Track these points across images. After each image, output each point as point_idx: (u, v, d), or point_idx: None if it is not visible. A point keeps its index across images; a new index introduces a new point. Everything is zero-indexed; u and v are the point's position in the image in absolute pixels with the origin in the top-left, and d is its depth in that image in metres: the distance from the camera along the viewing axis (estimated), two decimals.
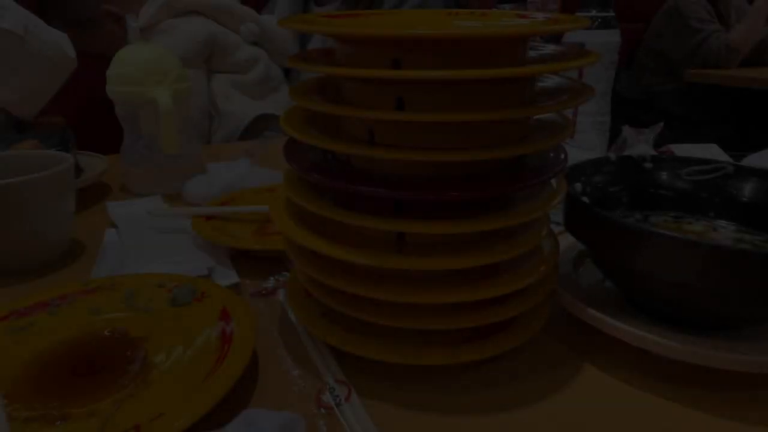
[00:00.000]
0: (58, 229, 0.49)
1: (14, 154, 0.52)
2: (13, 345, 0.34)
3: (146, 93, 0.63)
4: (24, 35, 0.73)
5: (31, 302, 0.38)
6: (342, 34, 0.32)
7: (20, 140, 0.67)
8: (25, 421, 0.27)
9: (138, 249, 0.50)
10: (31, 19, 0.75)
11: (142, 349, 0.34)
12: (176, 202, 0.65)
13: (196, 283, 0.40)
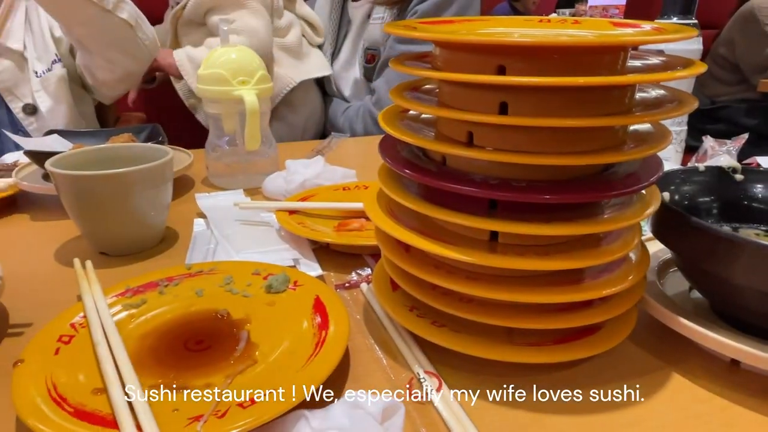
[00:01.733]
0: (158, 216, 0.53)
1: (122, 146, 0.56)
2: (129, 318, 0.37)
3: (233, 92, 0.67)
4: (135, 26, 0.88)
5: (143, 282, 0.41)
6: (453, 42, 0.33)
7: (118, 133, 0.73)
8: (150, 388, 0.30)
9: (227, 238, 0.53)
10: (140, 12, 0.90)
11: (245, 331, 0.36)
12: (256, 196, 0.68)
13: (289, 272, 0.42)
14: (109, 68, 0.96)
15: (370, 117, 1.13)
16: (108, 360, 0.31)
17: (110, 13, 0.85)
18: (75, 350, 0.33)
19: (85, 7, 0.81)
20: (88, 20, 0.85)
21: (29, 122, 0.98)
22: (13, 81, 0.96)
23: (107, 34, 0.88)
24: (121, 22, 0.86)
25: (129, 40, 0.90)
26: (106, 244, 0.52)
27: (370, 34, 1.15)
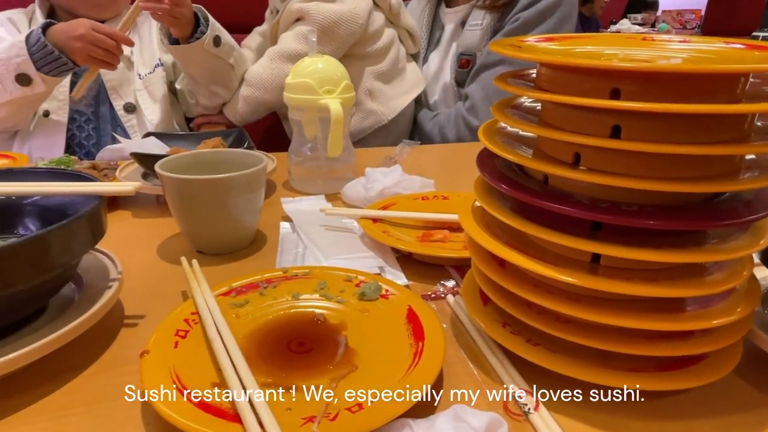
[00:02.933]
0: (252, 218, 0.56)
1: (221, 151, 0.60)
2: (235, 318, 0.40)
3: (319, 101, 0.69)
4: (235, 66, 1.07)
5: (244, 282, 0.44)
6: (567, 66, 0.33)
7: (209, 137, 0.77)
8: (261, 386, 0.32)
9: (315, 244, 0.55)
10: (240, 51, 1.09)
11: (343, 336, 0.38)
12: (335, 201, 0.70)
13: (380, 281, 0.44)
14: (210, 97, 1.11)
15: (464, 123, 1.12)
16: (225, 356, 0.33)
17: (222, 59, 1.03)
18: (191, 344, 0.36)
19: (209, 58, 1.01)
20: (203, 64, 1.03)
21: (128, 119, 1.06)
22: (118, 81, 1.05)
23: (215, 74, 1.06)
24: (226, 64, 1.04)
25: (229, 78, 1.08)
26: (204, 243, 0.55)
27: (466, 39, 1.15)
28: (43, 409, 0.33)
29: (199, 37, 0.98)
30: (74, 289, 0.42)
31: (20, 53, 0.87)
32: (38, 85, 0.90)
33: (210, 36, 0.99)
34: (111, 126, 1.06)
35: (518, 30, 1.07)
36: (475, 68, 1.12)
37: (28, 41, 0.88)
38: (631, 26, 3.61)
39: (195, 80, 1.09)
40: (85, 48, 0.87)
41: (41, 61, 0.88)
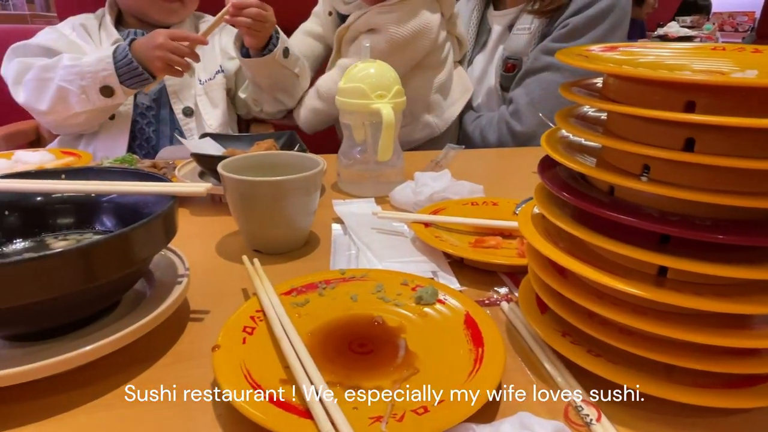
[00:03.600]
0: (307, 220, 0.57)
1: (278, 153, 0.62)
2: (297, 317, 0.41)
3: (371, 105, 0.70)
4: (300, 75, 1.14)
5: (304, 283, 0.45)
6: (640, 78, 0.33)
7: (262, 139, 0.79)
8: (327, 385, 0.33)
9: (368, 246, 0.56)
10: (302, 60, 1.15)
11: (402, 339, 0.39)
12: (384, 205, 0.71)
13: (436, 286, 0.44)
14: (274, 104, 1.17)
15: (506, 128, 1.12)
16: (293, 355, 0.34)
17: (289, 69, 1.08)
18: (258, 341, 0.37)
19: (277, 68, 1.07)
20: (271, 74, 1.09)
21: (186, 123, 1.10)
22: (180, 86, 1.09)
23: (281, 83, 1.12)
24: (292, 74, 1.10)
25: (294, 87, 1.15)
26: (260, 243, 0.57)
27: (512, 43, 1.15)
28: (121, 397, 0.35)
29: (271, 50, 1.03)
30: (145, 284, 0.44)
31: (107, 67, 0.92)
32: (119, 96, 0.96)
33: (281, 48, 1.04)
34: (170, 129, 1.10)
35: (567, 36, 1.06)
36: (521, 73, 1.11)
37: (115, 56, 0.93)
38: (680, 29, 3.50)
39: (261, 89, 1.14)
40: (164, 56, 0.92)
41: (125, 75, 0.93)
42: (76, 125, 1.02)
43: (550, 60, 1.06)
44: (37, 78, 0.96)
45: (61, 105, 0.96)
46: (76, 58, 0.96)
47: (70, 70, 0.94)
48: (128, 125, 1.06)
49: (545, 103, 1.06)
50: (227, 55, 1.18)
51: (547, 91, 1.07)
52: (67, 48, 1.04)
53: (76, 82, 0.93)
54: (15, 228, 0.44)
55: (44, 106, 0.97)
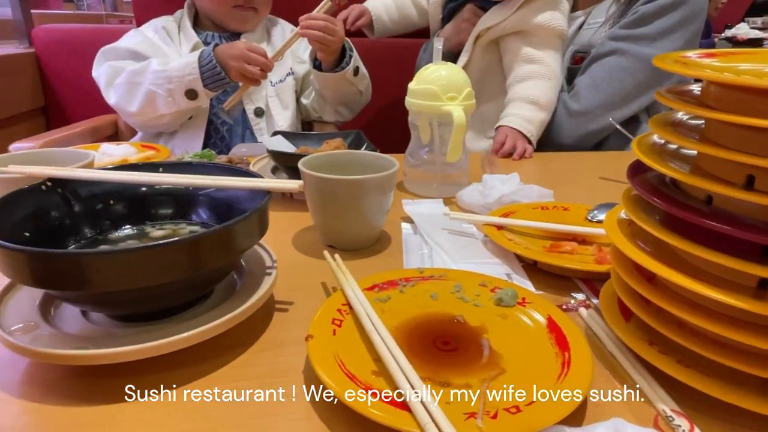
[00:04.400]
0: (380, 218, 0.59)
1: (354, 153, 0.63)
2: (381, 313, 0.42)
3: (442, 107, 0.71)
4: (363, 92, 1.21)
5: (385, 279, 0.46)
6: (744, 86, 0.32)
7: (331, 137, 0.82)
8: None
9: (441, 247, 0.57)
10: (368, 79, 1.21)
11: (485, 339, 0.40)
12: (451, 206, 0.72)
13: (515, 288, 0.45)
14: (333, 115, 1.23)
15: (562, 106, 1.10)
16: (384, 349, 0.36)
17: (356, 86, 1.16)
18: (346, 333, 0.39)
19: (346, 85, 1.12)
20: (338, 89, 1.14)
21: (256, 123, 1.15)
22: (252, 88, 1.13)
23: (345, 98, 1.17)
24: (357, 91, 1.18)
25: (356, 102, 1.22)
26: (335, 239, 0.58)
27: (583, 37, 1.15)
28: (221, 378, 0.37)
29: (344, 68, 1.07)
30: (234, 275, 0.47)
31: (193, 72, 0.99)
32: (202, 99, 1.03)
33: (352, 67, 1.08)
34: (242, 128, 1.15)
35: (635, 22, 1.04)
36: (586, 61, 1.10)
37: (201, 61, 0.99)
38: (749, 30, 3.32)
39: (325, 100, 1.18)
40: (239, 67, 0.97)
41: (209, 78, 1.00)
42: (160, 125, 1.09)
43: (615, 45, 1.05)
44: (127, 82, 1.03)
45: (149, 107, 1.03)
46: (163, 63, 1.02)
47: (158, 75, 1.00)
48: (204, 124, 1.12)
49: (606, 86, 1.05)
50: (298, 59, 1.22)
51: (611, 75, 1.06)
52: (151, 50, 1.10)
53: (164, 86, 1.00)
54: (121, 216, 0.48)
55: (134, 108, 1.04)
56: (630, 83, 1.05)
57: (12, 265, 0.34)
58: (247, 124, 1.17)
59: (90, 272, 0.33)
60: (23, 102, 1.40)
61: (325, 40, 1.00)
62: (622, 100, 1.05)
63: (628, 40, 1.05)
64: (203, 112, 1.12)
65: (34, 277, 0.34)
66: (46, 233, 0.42)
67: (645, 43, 1.04)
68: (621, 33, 1.06)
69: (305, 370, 0.38)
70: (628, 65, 1.05)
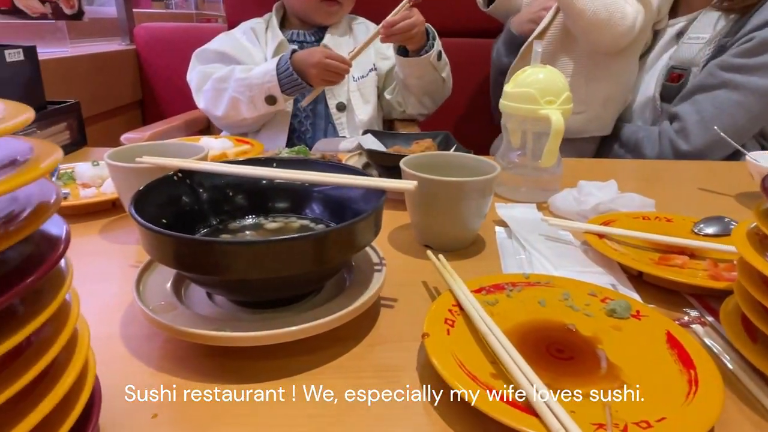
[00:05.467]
0: (478, 221, 0.59)
1: (454, 154, 0.64)
2: (491, 316, 0.43)
3: (538, 111, 0.70)
4: (445, 80, 1.22)
5: (491, 283, 0.47)
6: None
7: (421, 138, 0.82)
8: None
9: (541, 253, 0.57)
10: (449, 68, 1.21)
11: (601, 350, 0.39)
12: (544, 211, 0.71)
13: (628, 300, 0.44)
14: (417, 107, 1.24)
15: (670, 145, 1.06)
16: (503, 352, 0.36)
17: (438, 73, 1.16)
18: (459, 334, 0.40)
19: (429, 71, 1.13)
20: (423, 75, 1.16)
21: (338, 117, 1.18)
22: None
23: (429, 86, 1.18)
24: (440, 78, 1.18)
25: (438, 91, 1.23)
26: (432, 239, 0.59)
27: (682, 52, 1.09)
28: (340, 368, 0.39)
29: (428, 50, 1.09)
30: (345, 271, 0.48)
31: (272, 79, 1.04)
32: (281, 103, 1.08)
33: (436, 51, 1.10)
34: (324, 123, 1.19)
35: (751, 51, 0.96)
36: (691, 88, 1.04)
37: (278, 69, 1.04)
38: None
39: (409, 90, 1.20)
40: (319, 74, 1.01)
41: (286, 85, 1.04)
42: (243, 126, 1.15)
43: (728, 77, 0.98)
44: (213, 89, 1.10)
45: (233, 111, 1.10)
46: (246, 70, 1.08)
47: (241, 83, 1.06)
48: (288, 120, 1.16)
49: (717, 123, 0.97)
50: (381, 54, 1.24)
51: (721, 110, 0.99)
52: (239, 51, 1.17)
53: (246, 93, 1.06)
54: (240, 207, 0.50)
55: (220, 113, 1.11)
56: (743, 118, 0.99)
57: (159, 248, 0.37)
58: (329, 118, 1.20)
59: (229, 260, 0.36)
60: (124, 95, 1.50)
61: (407, 35, 1.03)
62: (734, 135, 0.95)
63: (743, 71, 0.97)
64: (286, 110, 1.17)
65: (178, 260, 0.37)
66: (178, 219, 0.45)
67: (762, 74, 0.96)
68: (734, 63, 0.98)
69: (419, 366, 0.39)
70: (741, 100, 0.98)
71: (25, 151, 0.26)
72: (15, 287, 0.23)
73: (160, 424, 0.34)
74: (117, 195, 0.64)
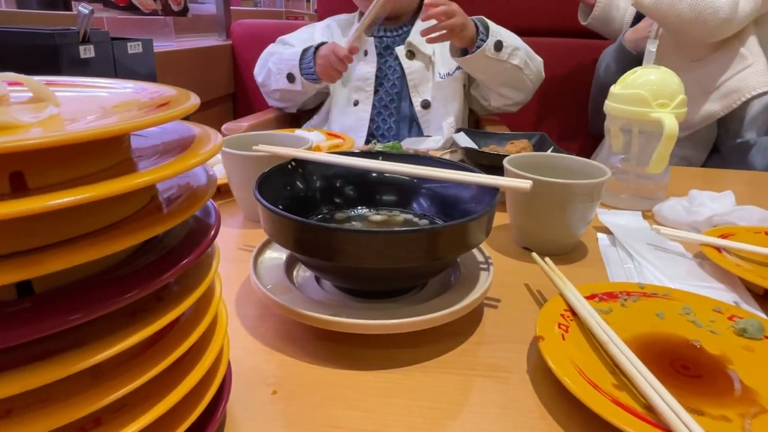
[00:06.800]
0: (582, 227, 0.57)
1: (561, 156, 0.62)
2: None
3: (650, 114, 0.67)
4: (523, 67, 1.12)
5: (604, 290, 0.45)
6: None
7: (517, 138, 0.81)
8: None
9: (652, 264, 0.54)
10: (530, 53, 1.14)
11: (732, 371, 0.36)
12: (648, 220, 0.67)
13: (761, 320, 0.41)
14: (501, 99, 1.19)
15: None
16: (628, 363, 0.34)
17: (506, 62, 1.08)
18: (574, 340, 0.38)
19: (492, 63, 1.07)
20: (487, 69, 1.11)
21: (422, 115, 1.18)
22: (419, 80, 1.17)
23: (501, 76, 1.12)
24: (512, 66, 1.10)
25: (517, 79, 1.14)
26: (533, 242, 0.58)
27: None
28: (449, 364, 0.39)
29: (479, 46, 1.04)
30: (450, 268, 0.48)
31: (295, 60, 1.16)
32: (297, 84, 1.18)
33: (491, 43, 1.04)
34: (409, 120, 1.19)
35: None
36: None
37: (303, 54, 1.15)
38: None
39: (484, 84, 1.17)
40: (321, 66, 1.11)
41: (304, 69, 1.15)
42: (274, 100, 1.29)
43: None
44: (262, 59, 1.28)
45: (267, 80, 1.25)
46: (286, 50, 1.21)
47: (277, 57, 1.21)
48: (368, 114, 1.18)
49: None
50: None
51: None
52: (300, 42, 1.23)
53: (277, 66, 1.20)
54: (348, 198, 0.52)
55: (260, 79, 1.29)
56: None
57: (284, 232, 0.39)
58: (413, 116, 1.20)
59: (350, 246, 0.37)
60: (219, 88, 1.58)
61: (447, 26, 1.00)
62: None
63: None
64: (367, 98, 1.19)
65: (300, 244, 0.38)
66: (292, 206, 0.47)
67: None
68: None
69: (530, 369, 0.38)
70: None
71: (190, 134, 0.27)
72: (175, 266, 0.24)
73: (279, 401, 0.35)
74: (224, 180, 0.67)
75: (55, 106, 0.25)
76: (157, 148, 0.25)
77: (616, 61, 1.23)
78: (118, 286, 0.21)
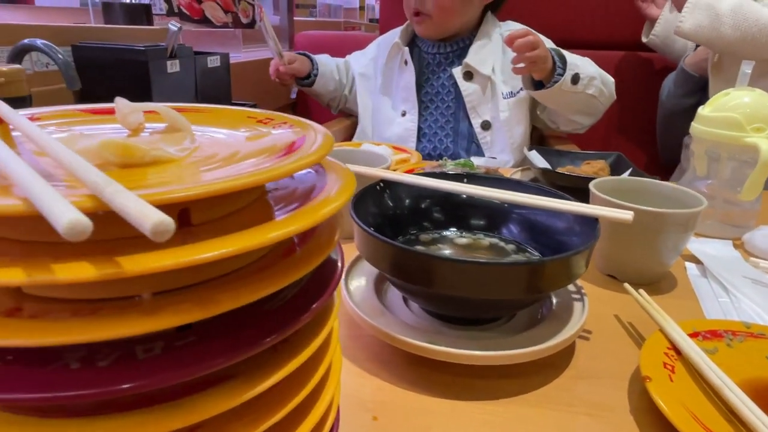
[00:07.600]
0: (672, 257, 0.55)
1: (651, 182, 0.60)
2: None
3: (743, 139, 0.64)
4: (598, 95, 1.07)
5: (706, 328, 0.43)
6: None
7: (593, 158, 0.79)
8: None
9: (751, 299, 0.51)
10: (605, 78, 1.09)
11: None
12: (738, 249, 0.64)
13: None
14: (569, 124, 1.16)
15: None
16: (747, 411, 0.33)
17: (582, 93, 1.04)
18: (683, 381, 0.37)
19: (568, 96, 1.03)
20: (560, 101, 1.07)
21: (483, 136, 1.15)
22: (478, 101, 1.15)
23: (575, 105, 1.08)
24: (587, 96, 1.05)
25: (590, 106, 1.10)
26: (619, 269, 0.56)
27: None
28: (546, 398, 0.38)
29: (557, 81, 1.00)
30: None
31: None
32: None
33: (568, 76, 1.00)
34: (467, 141, 1.17)
35: None
36: None
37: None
38: None
39: (556, 111, 1.13)
40: None
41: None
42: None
43: None
44: None
45: None
46: None
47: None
48: (414, 129, 1.18)
49: None
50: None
51: None
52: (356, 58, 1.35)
53: None
54: (435, 219, 0.52)
55: None
56: None
57: (381, 255, 0.39)
58: (472, 137, 1.17)
59: (448, 275, 0.37)
60: (280, 98, 1.62)
61: (530, 57, 0.96)
62: None
63: None
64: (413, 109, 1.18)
65: (397, 269, 0.39)
66: (383, 225, 0.47)
67: None
68: None
69: (633, 410, 0.37)
70: None
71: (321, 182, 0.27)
72: (321, 296, 0.24)
73: (381, 428, 0.35)
74: None
75: (191, 140, 0.26)
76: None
77: (677, 84, 1.19)
78: (272, 320, 0.22)
